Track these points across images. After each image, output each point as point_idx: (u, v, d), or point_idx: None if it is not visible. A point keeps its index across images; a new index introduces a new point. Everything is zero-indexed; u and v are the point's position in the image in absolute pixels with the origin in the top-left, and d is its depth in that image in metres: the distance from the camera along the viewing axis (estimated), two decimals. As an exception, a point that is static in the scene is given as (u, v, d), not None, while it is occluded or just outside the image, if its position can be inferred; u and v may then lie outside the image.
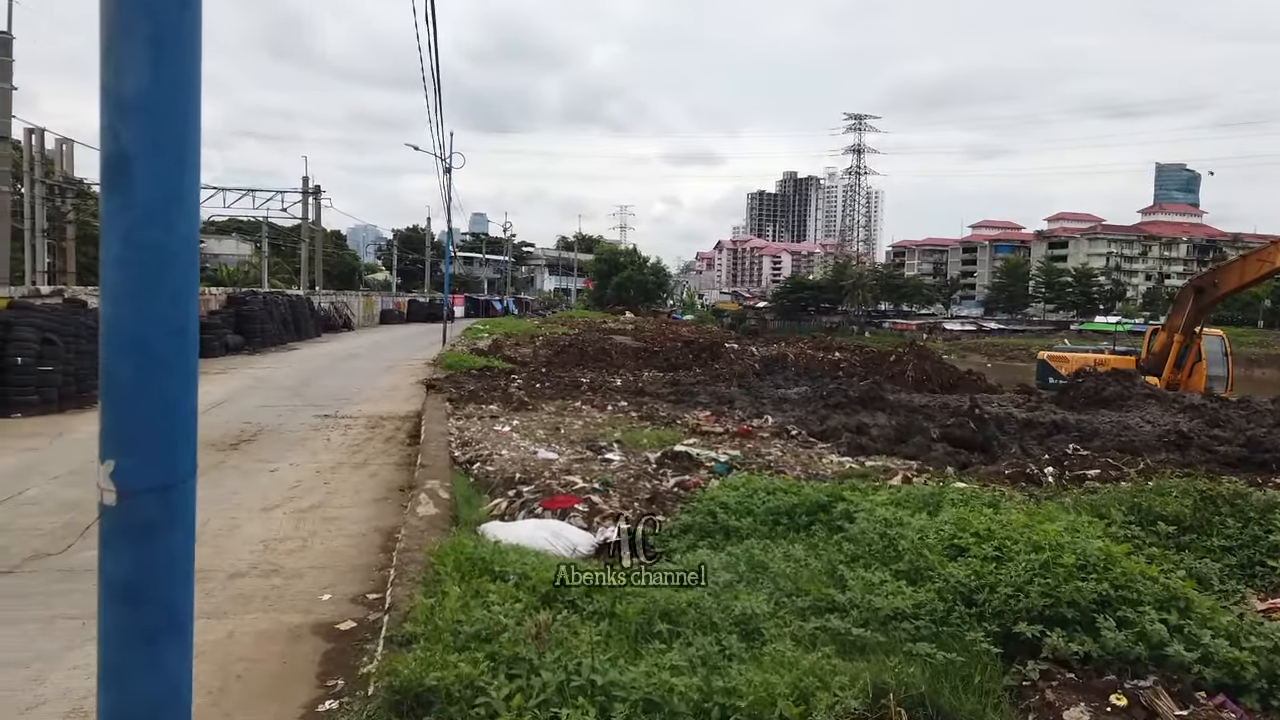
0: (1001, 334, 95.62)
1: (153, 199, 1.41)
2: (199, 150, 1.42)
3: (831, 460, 10.36)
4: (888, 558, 5.19)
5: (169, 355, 1.45)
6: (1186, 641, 4.02)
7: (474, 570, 5.02)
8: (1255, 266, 21.07)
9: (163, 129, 1.41)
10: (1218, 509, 5.88)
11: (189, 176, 1.46)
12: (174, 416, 1.46)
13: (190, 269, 1.50)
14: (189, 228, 1.48)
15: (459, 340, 33.25)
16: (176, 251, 1.45)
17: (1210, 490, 6.09)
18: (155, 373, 1.46)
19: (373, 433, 12.99)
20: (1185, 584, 4.39)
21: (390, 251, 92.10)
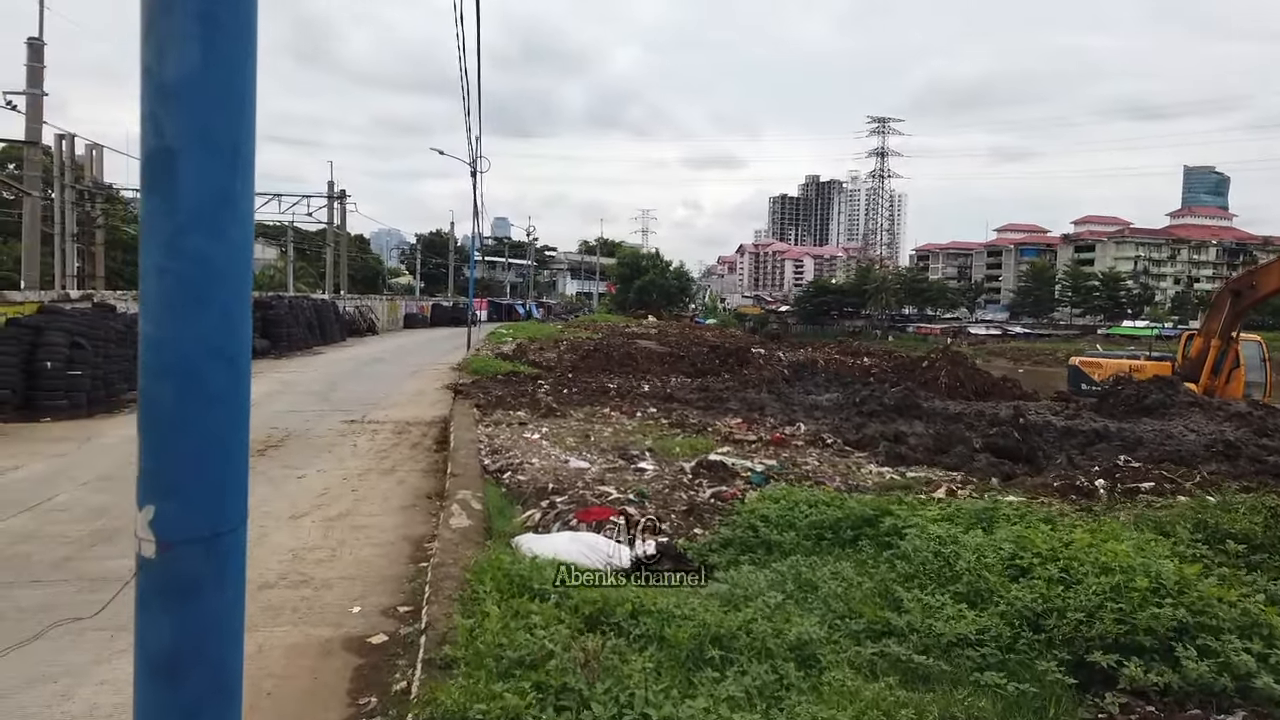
0: (1027, 338, 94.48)
1: (200, 201, 1.20)
2: (253, 145, 1.21)
3: (871, 470, 10.09)
4: (944, 578, 4.95)
5: (217, 384, 1.24)
6: (1275, 673, 3.76)
7: (513, 588, 4.83)
8: None
9: (212, 119, 1.19)
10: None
11: (242, 176, 1.24)
12: (223, 455, 1.24)
13: (242, 283, 1.28)
14: (241, 235, 1.25)
15: (483, 344, 33.18)
16: (226, 263, 1.23)
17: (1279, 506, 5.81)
18: (201, 404, 1.24)
19: (399, 438, 12.88)
20: (1269, 610, 4.12)
21: (414, 256, 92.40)
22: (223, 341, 1.22)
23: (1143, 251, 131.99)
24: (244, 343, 1.28)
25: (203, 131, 1.21)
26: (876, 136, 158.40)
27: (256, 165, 1.25)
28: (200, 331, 1.22)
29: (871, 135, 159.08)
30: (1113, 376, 20.63)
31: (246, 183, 1.24)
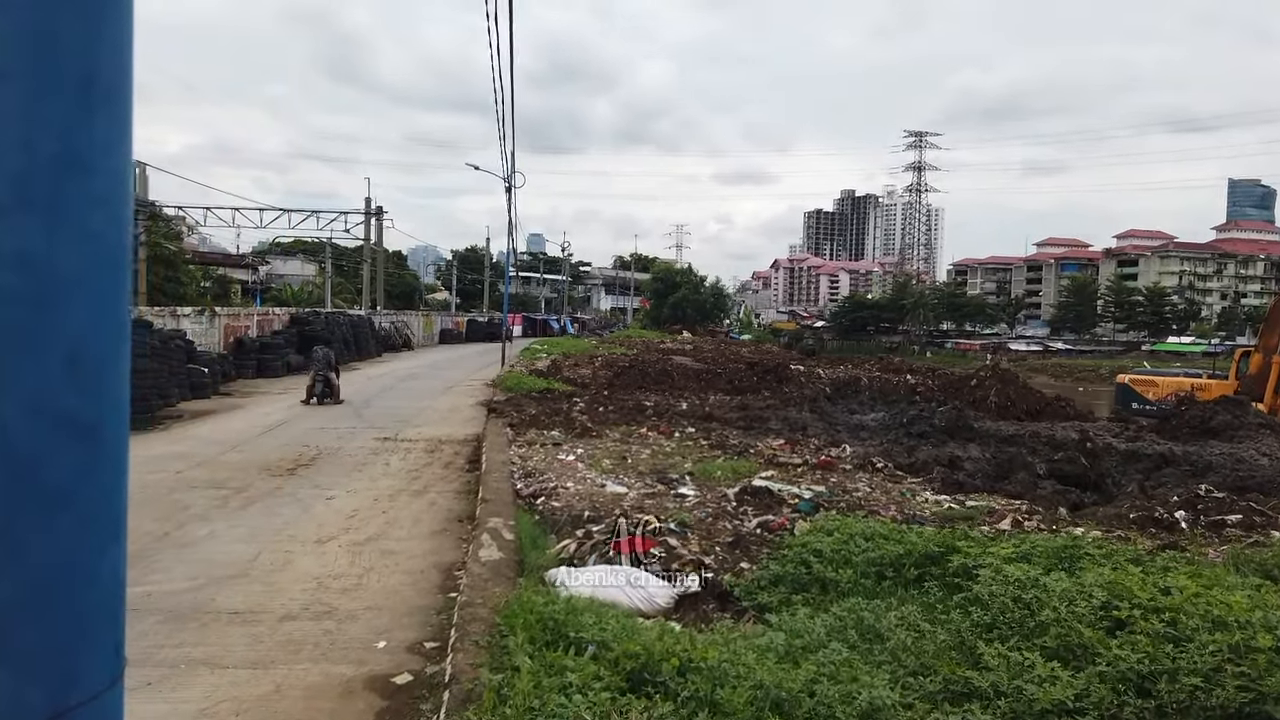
0: (1069, 354, 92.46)
1: (24, 164, 0.71)
2: (129, 81, 0.74)
3: (927, 498, 9.52)
4: (1028, 629, 4.41)
5: (60, 475, 0.74)
6: None
7: (545, 634, 4.39)
8: None
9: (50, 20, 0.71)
10: None
11: (106, 123, 0.76)
12: (70, 590, 0.73)
13: (111, 303, 0.78)
14: (109, 225, 0.77)
15: (517, 360, 32.97)
16: (79, 269, 0.74)
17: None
18: (33, 508, 0.74)
19: (432, 457, 12.58)
20: None
21: (449, 271, 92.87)
22: (73, 402, 0.71)
23: (1187, 266, 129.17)
24: (115, 403, 0.75)
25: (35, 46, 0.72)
26: (912, 150, 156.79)
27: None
28: (28, 387, 0.73)
29: (908, 149, 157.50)
30: (1173, 395, 19.70)
31: (116, 136, 0.76)
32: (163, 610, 6.10)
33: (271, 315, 30.50)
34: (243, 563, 7.28)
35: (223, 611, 6.13)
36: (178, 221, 43.34)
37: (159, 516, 8.74)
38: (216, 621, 5.94)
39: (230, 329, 26.29)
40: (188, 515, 8.88)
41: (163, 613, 6.05)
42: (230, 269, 57.92)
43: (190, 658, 5.32)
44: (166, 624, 5.85)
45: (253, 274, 59.90)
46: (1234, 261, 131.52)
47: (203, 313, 25.27)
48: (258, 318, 29.12)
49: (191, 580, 6.80)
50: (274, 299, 53.80)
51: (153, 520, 8.57)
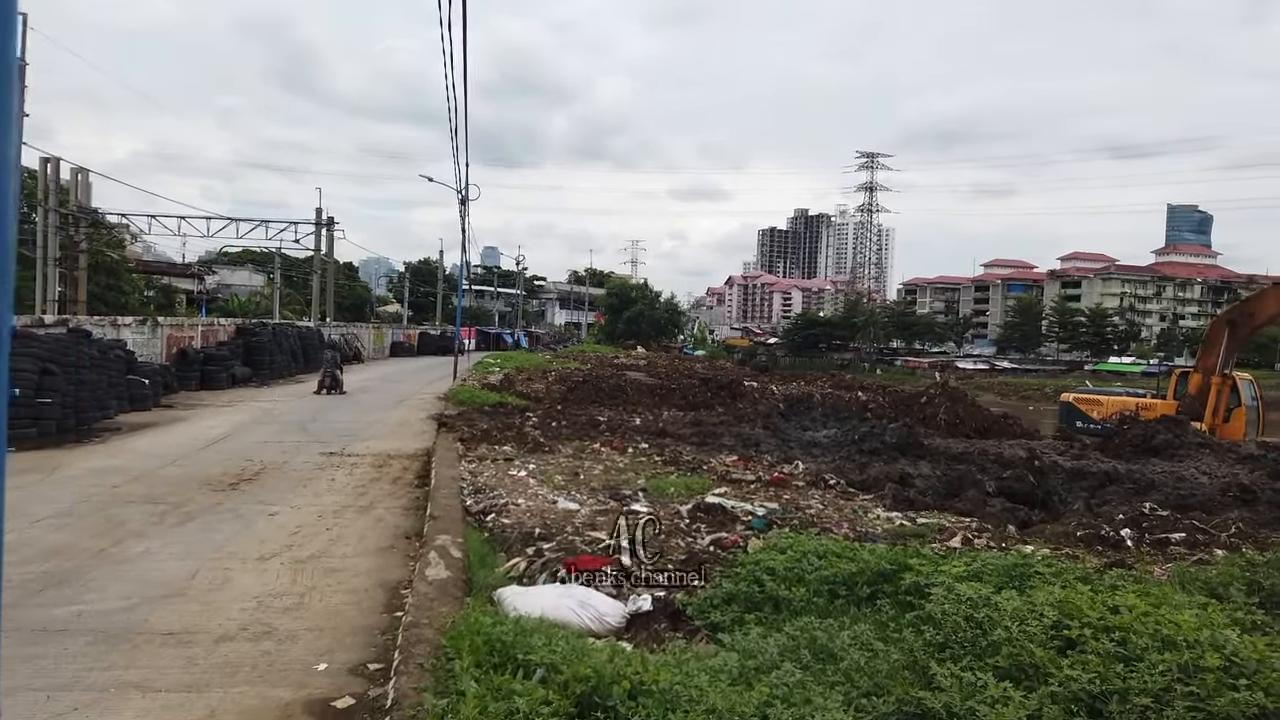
0: (1015, 373, 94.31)
1: None
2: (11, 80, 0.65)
3: (879, 515, 9.55)
4: (980, 649, 4.39)
5: None
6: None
7: (493, 657, 4.26)
8: None
9: None
10: (1354, 590, 5.09)
11: None
12: None
13: None
14: None
15: (470, 374, 32.68)
16: None
17: (1341, 567, 5.29)
18: None
19: (380, 472, 12.34)
20: (1363, 697, 3.59)
21: (401, 284, 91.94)
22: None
23: (1128, 288, 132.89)
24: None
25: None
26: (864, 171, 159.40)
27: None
28: None
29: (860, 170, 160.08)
30: (1116, 414, 20.07)
31: None
32: (93, 631, 5.86)
33: (217, 326, 29.87)
34: (179, 581, 7.03)
35: (157, 632, 5.89)
36: (121, 229, 42.31)
37: (93, 533, 8.45)
38: (150, 643, 5.70)
39: (173, 339, 25.67)
40: (124, 531, 8.57)
41: (93, 633, 5.81)
42: (175, 278, 56.69)
43: (121, 681, 5.10)
44: (97, 645, 5.62)
45: (199, 284, 58.65)
46: (1173, 284, 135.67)
47: (144, 322, 24.64)
48: (202, 328, 28.47)
49: (125, 599, 6.54)
50: (220, 309, 52.72)
51: (87, 537, 8.28)
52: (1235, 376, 21.96)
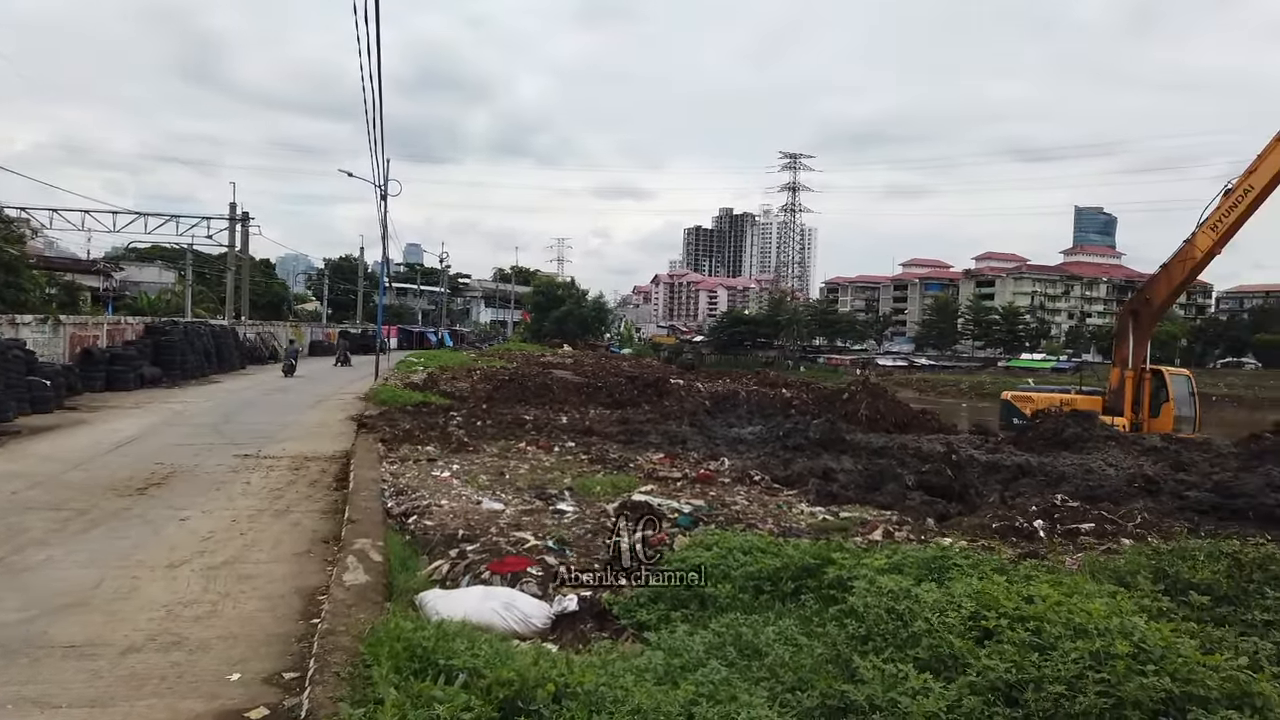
0: (932, 370, 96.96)
1: None
2: None
3: (803, 511, 9.65)
4: (901, 640, 4.44)
5: None
6: (1278, 754, 3.35)
7: (413, 663, 4.15)
8: (1180, 269, 20.87)
9: None
10: (1251, 576, 5.31)
11: None
12: None
13: None
14: None
15: (392, 373, 32.10)
16: None
17: (1239, 554, 5.52)
18: None
19: (297, 475, 12.01)
20: (1260, 677, 3.74)
21: (321, 281, 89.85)
22: None
23: (1039, 287, 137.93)
24: None
25: None
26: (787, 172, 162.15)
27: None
28: None
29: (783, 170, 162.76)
30: (1046, 410, 20.58)
31: None
32: (-11, 645, 5.54)
33: (124, 325, 28.72)
34: (83, 591, 6.71)
35: (58, 645, 5.61)
36: (20, 223, 40.31)
37: (-11, 542, 8.00)
38: (50, 656, 5.43)
39: (77, 339, 24.57)
40: (24, 539, 8.16)
41: (-12, 647, 5.50)
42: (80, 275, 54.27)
43: (20, 697, 4.83)
44: (-8, 659, 5.32)
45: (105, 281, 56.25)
46: (1080, 283, 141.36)
47: (46, 321, 23.52)
48: (108, 327, 27.32)
49: (24, 611, 6.21)
50: (128, 308, 50.63)
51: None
52: (1166, 371, 22.62)
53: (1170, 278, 21.28)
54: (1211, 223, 19.89)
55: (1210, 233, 19.88)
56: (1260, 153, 19.09)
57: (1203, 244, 20.08)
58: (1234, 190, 19.44)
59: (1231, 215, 19.45)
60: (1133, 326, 22.16)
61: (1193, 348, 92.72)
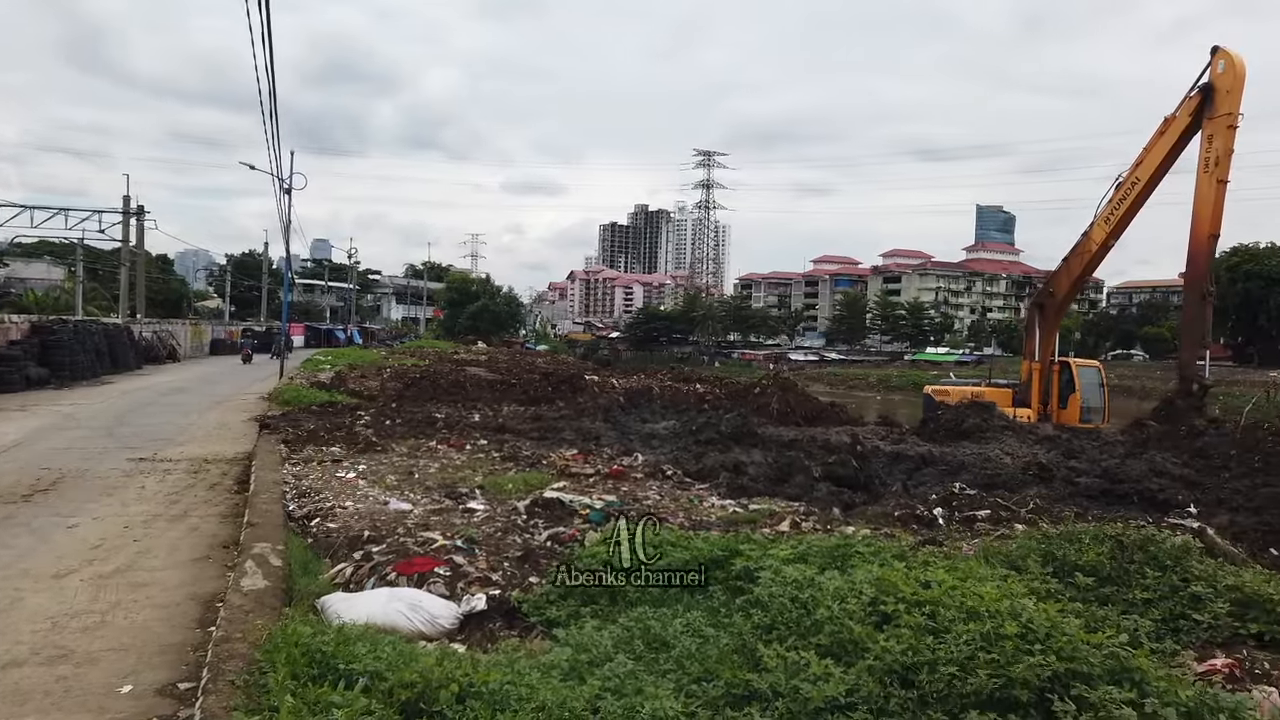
0: (842, 364, 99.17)
1: None
2: None
3: (713, 504, 9.76)
4: (804, 628, 4.54)
5: None
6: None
7: (312, 668, 4.04)
8: (1078, 261, 21.90)
9: None
10: (1132, 557, 5.59)
11: None
12: None
13: None
14: None
15: (298, 372, 31.24)
16: None
17: (1121, 536, 5.81)
18: None
19: (195, 478, 11.58)
20: (1139, 653, 3.93)
21: (223, 277, 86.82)
22: None
23: (943, 283, 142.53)
24: None
25: None
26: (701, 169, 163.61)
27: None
28: None
29: (697, 167, 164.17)
30: (959, 403, 21.20)
31: None
32: None
33: (8, 324, 27.19)
34: (-41, 604, 6.33)
35: (-66, 663, 5.29)
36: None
37: None
38: (-76, 675, 5.11)
39: (-46, 339, 23.17)
40: (-104, 553, 7.65)
41: None
42: (-43, 272, 51.19)
43: (-112, 721, 4.54)
44: None
45: (-13, 277, 53.17)
46: (981, 279, 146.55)
47: (-82, 320, 22.12)
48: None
49: (-105, 627, 5.83)
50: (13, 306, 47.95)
51: None
52: (1073, 363, 23.55)
53: (1070, 271, 22.27)
54: (1105, 216, 20.89)
55: (1104, 225, 20.88)
56: (1145, 146, 20.14)
57: (1098, 236, 21.08)
58: (1124, 183, 20.47)
59: (1122, 208, 20.47)
60: (1039, 320, 23.08)
61: (1085, 341, 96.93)
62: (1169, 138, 19.53)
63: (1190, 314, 19.85)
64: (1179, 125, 19.28)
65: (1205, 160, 18.54)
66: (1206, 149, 18.56)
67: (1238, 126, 18.30)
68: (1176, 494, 11.07)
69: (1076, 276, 22.52)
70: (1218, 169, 18.20)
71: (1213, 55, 18.80)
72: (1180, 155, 19.93)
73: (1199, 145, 18.95)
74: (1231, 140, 18.29)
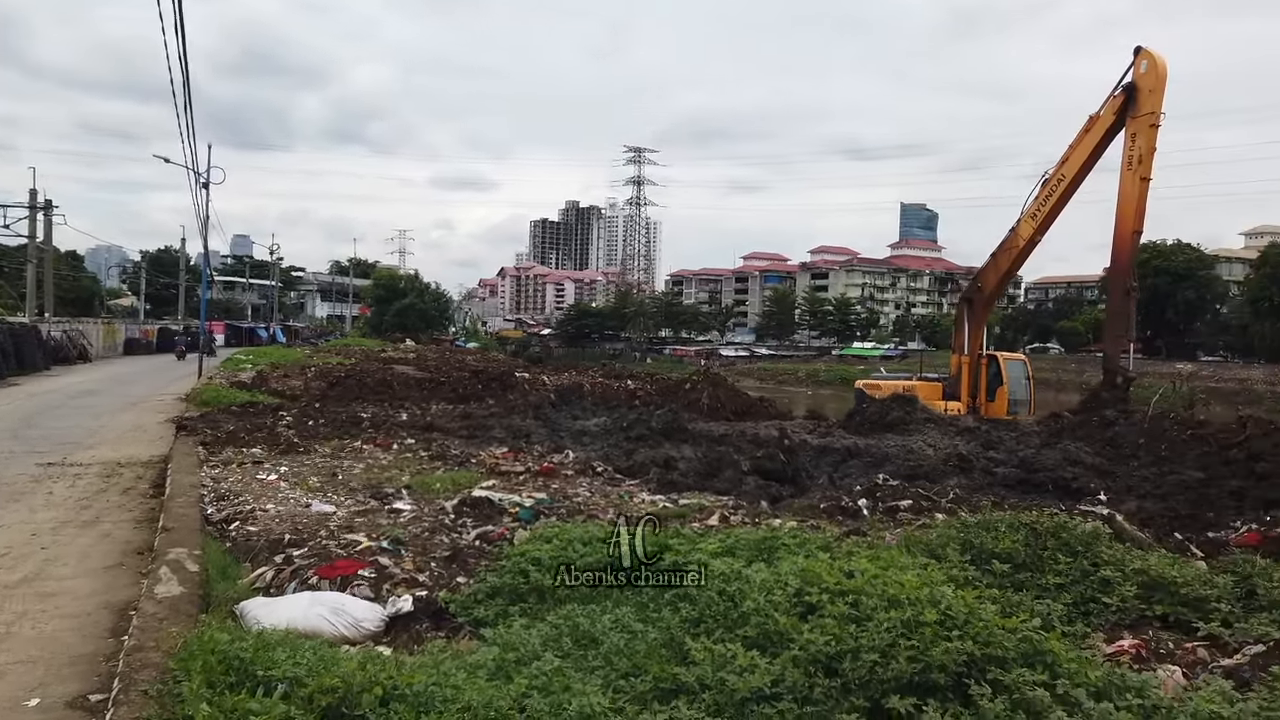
0: (772, 359, 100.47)
1: None
2: None
3: (643, 499, 9.80)
4: (731, 621, 4.59)
5: None
6: (1065, 704, 3.66)
7: (230, 676, 3.93)
8: (1006, 257, 22.52)
9: None
10: (1045, 544, 5.79)
11: None
12: None
13: None
14: None
15: (218, 372, 30.35)
16: None
17: (1035, 524, 6.01)
18: None
19: (108, 483, 11.15)
20: (1051, 636, 4.07)
21: (138, 275, 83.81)
22: None
23: (869, 279, 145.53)
24: None
25: None
26: (632, 165, 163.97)
27: None
28: None
29: (628, 164, 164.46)
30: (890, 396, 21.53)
31: None
32: None
33: (-98, 323, 25.85)
34: None
35: None
36: None
37: None
38: None
39: None
40: None
41: None
42: None
43: None
44: None
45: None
46: (906, 276, 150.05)
47: None
48: (-117, 327, 24.51)
49: None
50: (-89, 305, 45.64)
51: None
52: (1001, 356, 24.14)
53: (998, 266, 22.88)
54: (1031, 212, 21.51)
55: (1031, 221, 21.50)
56: (1071, 144, 20.78)
57: (1025, 232, 21.70)
58: (1050, 180, 21.09)
59: (1049, 204, 21.10)
60: (968, 314, 23.65)
61: (1005, 335, 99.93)
62: (1094, 136, 20.15)
63: (1115, 308, 20.55)
64: (1103, 123, 19.88)
65: (1129, 158, 19.11)
66: (1130, 147, 19.14)
67: (1160, 125, 18.86)
68: (1088, 482, 11.51)
69: (1004, 272, 23.16)
70: (1141, 167, 18.79)
71: (1136, 55, 19.43)
72: (1104, 153, 20.48)
73: (1123, 143, 19.50)
74: (1154, 139, 18.82)
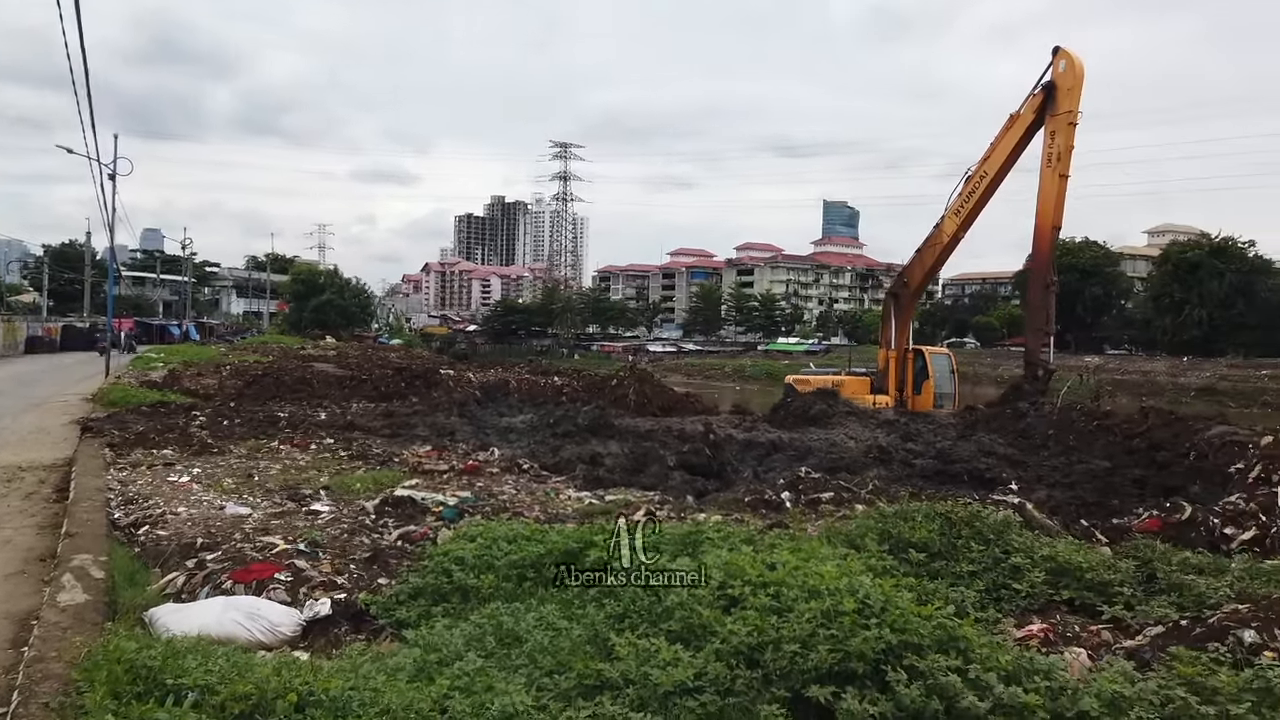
0: (699, 354, 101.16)
1: None
2: None
3: (570, 496, 9.77)
4: (655, 615, 4.61)
5: None
6: (976, 689, 3.77)
7: (137, 686, 3.78)
8: (931, 252, 23.06)
9: None
10: (959, 533, 5.96)
11: None
12: None
13: None
14: None
15: (127, 371, 29.18)
16: None
17: (950, 513, 6.18)
18: None
19: (8, 487, 10.62)
20: (965, 623, 4.19)
21: (40, 270, 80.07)
22: None
23: (793, 275, 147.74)
24: None
25: None
26: (558, 160, 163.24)
27: None
28: None
29: (554, 159, 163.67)
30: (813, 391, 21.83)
31: None
32: None
33: None
34: None
35: None
36: None
37: None
38: None
39: None
40: None
41: None
42: None
43: None
44: None
45: None
46: (828, 272, 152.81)
47: None
48: None
49: None
50: None
51: None
52: (927, 351, 24.64)
53: (923, 262, 23.42)
54: (955, 208, 22.06)
55: (955, 217, 22.05)
56: (992, 142, 21.38)
57: (949, 228, 22.24)
58: (973, 177, 21.65)
59: (971, 200, 21.66)
60: (894, 309, 24.14)
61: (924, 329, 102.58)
62: (1014, 133, 20.75)
63: (1035, 302, 21.23)
64: (1024, 122, 20.50)
65: (1048, 156, 19.74)
66: (1049, 145, 19.77)
67: (1077, 124, 19.52)
68: (1001, 472, 11.91)
69: (929, 267, 23.71)
70: (1059, 164, 19.42)
71: (1054, 55, 20.08)
72: (1025, 150, 21.05)
73: (1042, 141, 20.09)
74: (1072, 137, 19.46)
